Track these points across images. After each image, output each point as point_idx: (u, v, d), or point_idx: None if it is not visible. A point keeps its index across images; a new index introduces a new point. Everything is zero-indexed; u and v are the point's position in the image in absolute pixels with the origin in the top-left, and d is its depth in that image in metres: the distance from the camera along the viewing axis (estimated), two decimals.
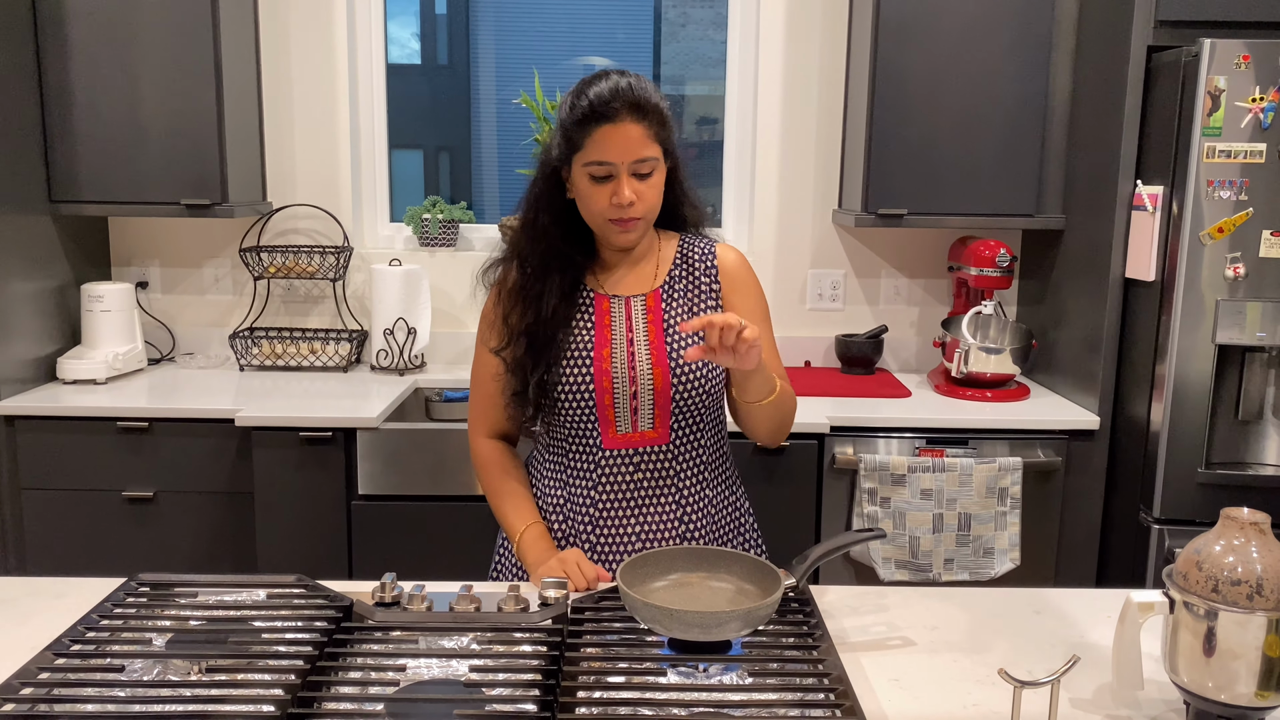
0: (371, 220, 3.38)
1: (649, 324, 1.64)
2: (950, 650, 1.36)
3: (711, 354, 1.43)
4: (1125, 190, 2.63)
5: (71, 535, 2.73)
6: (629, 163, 1.53)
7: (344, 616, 1.34)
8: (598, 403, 1.61)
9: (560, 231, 1.63)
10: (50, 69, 2.83)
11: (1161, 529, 2.55)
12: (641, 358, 1.62)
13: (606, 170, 1.54)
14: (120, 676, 1.18)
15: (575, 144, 1.55)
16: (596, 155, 1.53)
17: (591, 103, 1.52)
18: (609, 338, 1.63)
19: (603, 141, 1.52)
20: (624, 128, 1.52)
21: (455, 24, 4.69)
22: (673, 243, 1.72)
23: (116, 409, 2.69)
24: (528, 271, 1.65)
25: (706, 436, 1.68)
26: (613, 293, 1.67)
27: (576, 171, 1.57)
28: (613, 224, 1.58)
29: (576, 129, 1.54)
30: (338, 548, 2.66)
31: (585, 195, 1.57)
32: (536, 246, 1.64)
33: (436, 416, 3.01)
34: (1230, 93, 2.39)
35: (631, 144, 1.52)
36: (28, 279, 2.82)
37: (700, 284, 1.69)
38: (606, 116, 1.51)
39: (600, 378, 1.61)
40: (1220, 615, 1.09)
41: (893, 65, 2.84)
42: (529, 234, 1.65)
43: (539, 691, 1.14)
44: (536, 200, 1.64)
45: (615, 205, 1.55)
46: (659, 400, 1.62)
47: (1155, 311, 2.56)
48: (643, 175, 1.56)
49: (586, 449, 1.65)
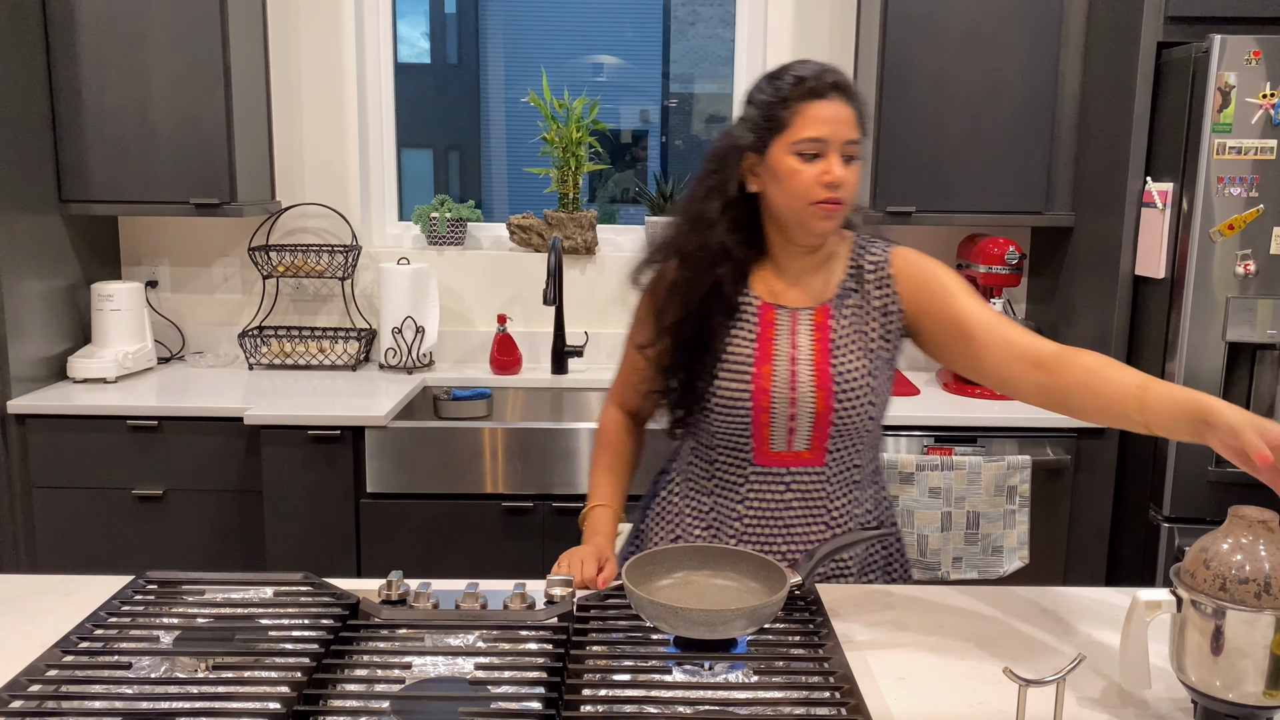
0: (380, 219, 3.39)
1: (815, 341, 1.55)
2: (956, 649, 1.36)
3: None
4: (1135, 187, 2.62)
5: (81, 533, 2.74)
6: (841, 142, 1.46)
7: (350, 614, 1.34)
8: (753, 420, 1.54)
9: (728, 222, 1.54)
10: (60, 69, 2.84)
11: (1171, 527, 2.54)
12: (804, 378, 1.53)
13: (818, 148, 1.46)
14: (127, 674, 1.19)
15: (781, 122, 1.47)
16: (809, 131, 1.45)
17: (802, 79, 1.46)
18: (771, 352, 1.55)
19: (815, 117, 1.45)
20: (837, 106, 1.46)
21: (465, 23, 4.69)
22: (845, 247, 1.61)
23: (126, 408, 2.70)
24: (687, 265, 1.55)
25: (863, 458, 1.60)
26: (780, 303, 1.57)
27: (777, 153, 1.48)
28: (817, 207, 1.47)
29: (784, 106, 1.46)
30: (346, 546, 2.67)
31: (788, 175, 1.47)
32: (697, 237, 1.55)
33: (445, 415, 3.02)
34: (1241, 89, 2.37)
35: (843, 123, 1.46)
36: (38, 278, 2.84)
37: (872, 297, 1.57)
38: (818, 92, 1.46)
39: (759, 395, 1.53)
40: (1228, 614, 1.08)
41: (901, 62, 2.83)
42: (692, 223, 1.55)
43: (544, 689, 1.14)
44: (709, 190, 1.54)
45: (825, 185, 1.46)
46: (818, 423, 1.54)
47: (1165, 309, 2.55)
48: (849, 159, 1.48)
49: (736, 463, 1.59)
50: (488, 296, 3.28)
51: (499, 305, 3.27)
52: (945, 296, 1.54)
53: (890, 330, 1.57)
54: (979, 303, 1.54)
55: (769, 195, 1.52)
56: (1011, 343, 1.46)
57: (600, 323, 3.29)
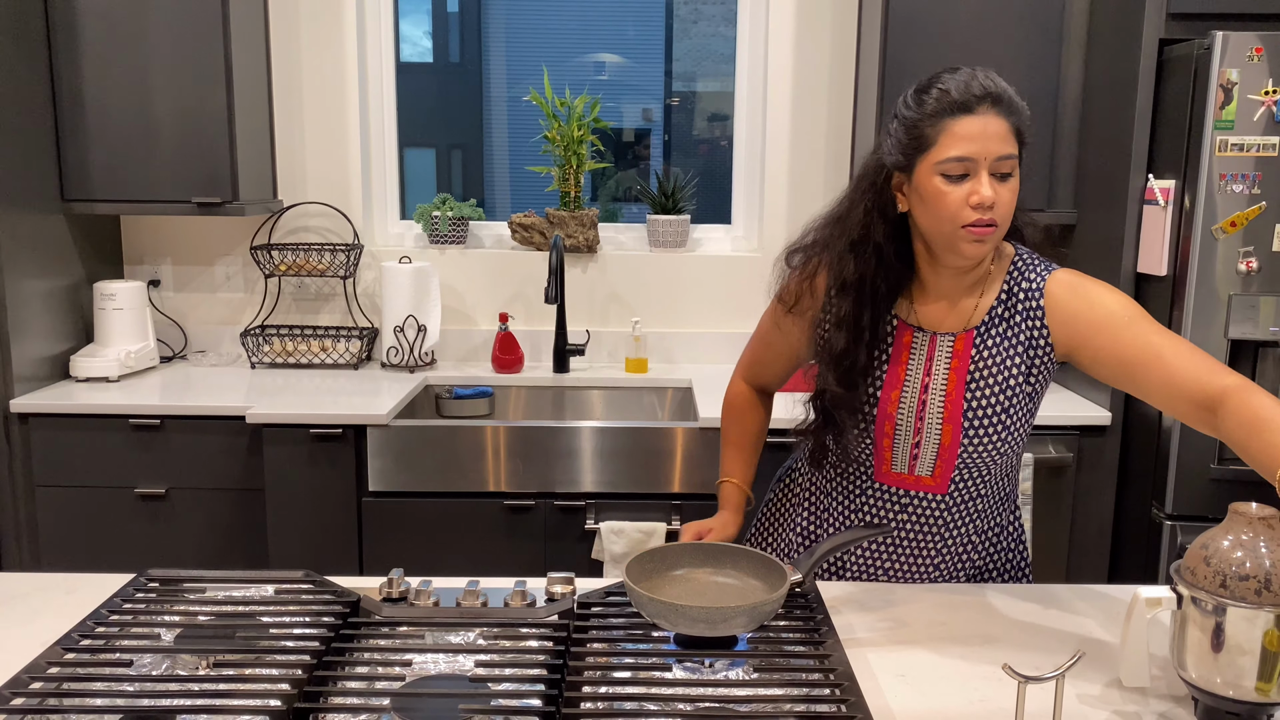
0: (382, 218, 3.39)
1: (951, 370, 1.47)
2: (956, 646, 1.36)
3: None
4: (1137, 184, 2.61)
5: (84, 531, 2.75)
6: (991, 159, 1.35)
7: (351, 612, 1.35)
8: (875, 442, 1.50)
9: (894, 250, 1.46)
10: (62, 69, 2.85)
11: (1174, 525, 2.54)
12: (934, 408, 1.47)
13: (965, 168, 1.35)
14: (129, 671, 1.19)
15: (925, 141, 1.37)
16: (955, 150, 1.35)
17: (948, 92, 1.36)
18: (902, 377, 1.49)
19: (962, 135, 1.35)
20: (986, 119, 1.35)
21: (467, 22, 4.69)
22: (1002, 268, 1.50)
23: (129, 406, 2.70)
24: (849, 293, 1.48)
25: (989, 489, 1.54)
26: (921, 325, 1.50)
27: (923, 174, 1.38)
28: (967, 230, 1.37)
29: (929, 122, 1.37)
30: (348, 544, 2.67)
31: (934, 198, 1.37)
32: (865, 268, 1.47)
33: (446, 413, 3.02)
34: (1243, 85, 2.37)
35: (993, 138, 1.35)
36: (41, 277, 2.84)
37: (1019, 328, 1.47)
38: (966, 107, 1.35)
39: (883, 421, 1.48)
40: (1228, 611, 1.08)
41: (903, 61, 2.83)
42: (857, 253, 1.47)
43: (545, 686, 1.15)
44: (867, 214, 1.46)
45: (975, 206, 1.35)
46: (943, 455, 1.48)
47: (1167, 306, 2.54)
48: (1003, 175, 1.37)
49: (856, 474, 1.57)
50: (489, 295, 3.29)
51: (501, 304, 3.28)
52: (1103, 330, 1.42)
53: (1036, 364, 1.47)
54: (1144, 332, 1.39)
55: (916, 216, 1.44)
56: (1173, 382, 1.34)
57: (602, 321, 3.29)
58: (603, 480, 2.64)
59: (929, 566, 1.59)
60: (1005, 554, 1.64)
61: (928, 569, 1.59)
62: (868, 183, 1.47)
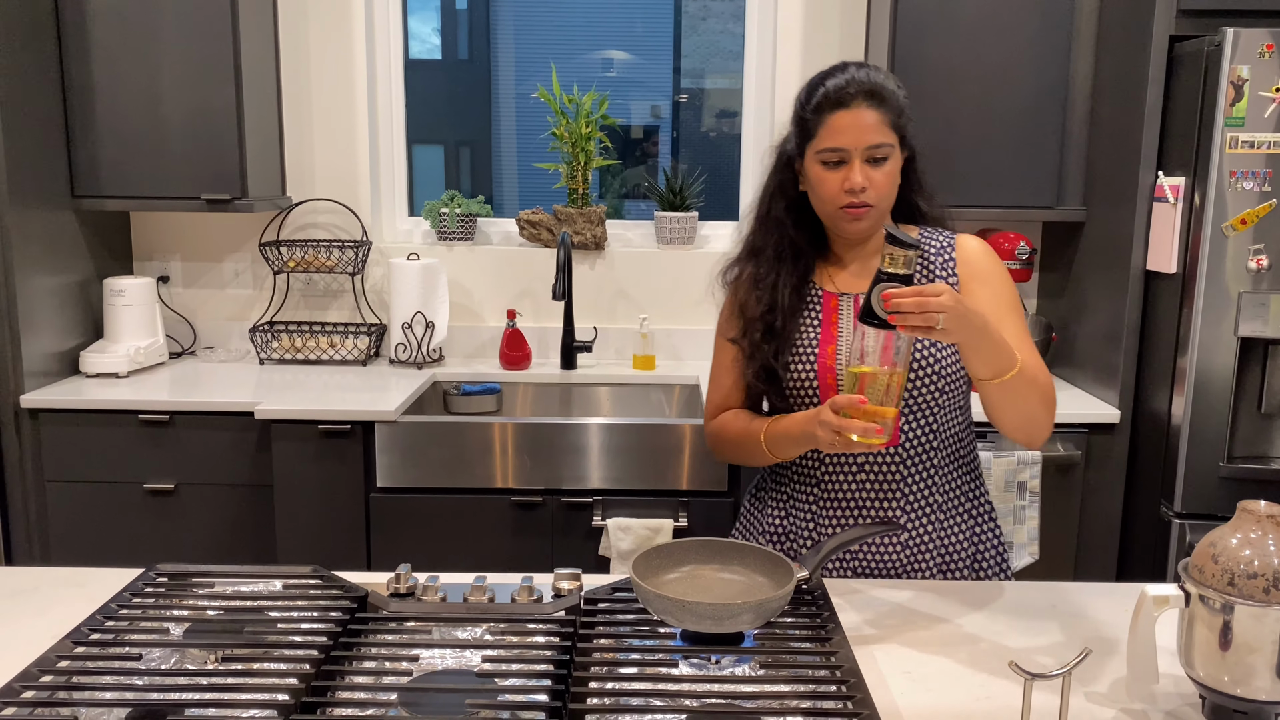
0: (390, 214, 3.40)
1: None
2: (963, 643, 1.36)
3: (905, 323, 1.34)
4: (1146, 182, 2.60)
5: (93, 527, 2.76)
6: (862, 148, 1.52)
7: (359, 607, 1.35)
8: (821, 398, 1.58)
9: (792, 220, 1.64)
10: (72, 66, 2.86)
11: (1183, 523, 2.53)
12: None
13: (839, 156, 1.53)
14: (138, 665, 1.19)
15: (809, 132, 1.55)
16: (829, 141, 1.53)
17: (827, 91, 1.53)
18: (835, 335, 1.61)
19: (836, 127, 1.52)
20: (858, 113, 1.52)
21: (476, 19, 4.69)
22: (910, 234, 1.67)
23: (138, 402, 2.71)
24: (761, 262, 1.66)
25: (941, 439, 1.61)
26: (842, 290, 1.64)
27: (809, 161, 1.57)
28: (844, 211, 1.55)
29: (812, 117, 1.55)
30: (356, 539, 2.68)
31: (816, 183, 1.56)
32: (770, 238, 1.65)
33: (454, 410, 3.03)
34: (1254, 82, 2.36)
35: (865, 130, 1.51)
36: (51, 273, 2.85)
37: (937, 279, 1.62)
38: (841, 103, 1.52)
39: (824, 373, 1.58)
40: (1236, 609, 1.08)
41: (911, 57, 2.82)
42: (763, 226, 1.67)
43: (551, 682, 1.15)
44: (770, 194, 1.66)
45: (847, 191, 1.53)
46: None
47: (1177, 304, 2.54)
48: (876, 161, 1.53)
49: (813, 451, 1.61)
50: (497, 292, 3.29)
51: (509, 300, 3.28)
52: (987, 283, 1.60)
53: None
54: (1014, 319, 1.58)
55: (809, 197, 1.61)
56: None
57: (609, 318, 3.29)
58: (610, 477, 2.64)
59: (897, 543, 1.61)
60: (979, 546, 1.66)
61: (896, 546, 1.61)
62: (774, 167, 1.66)
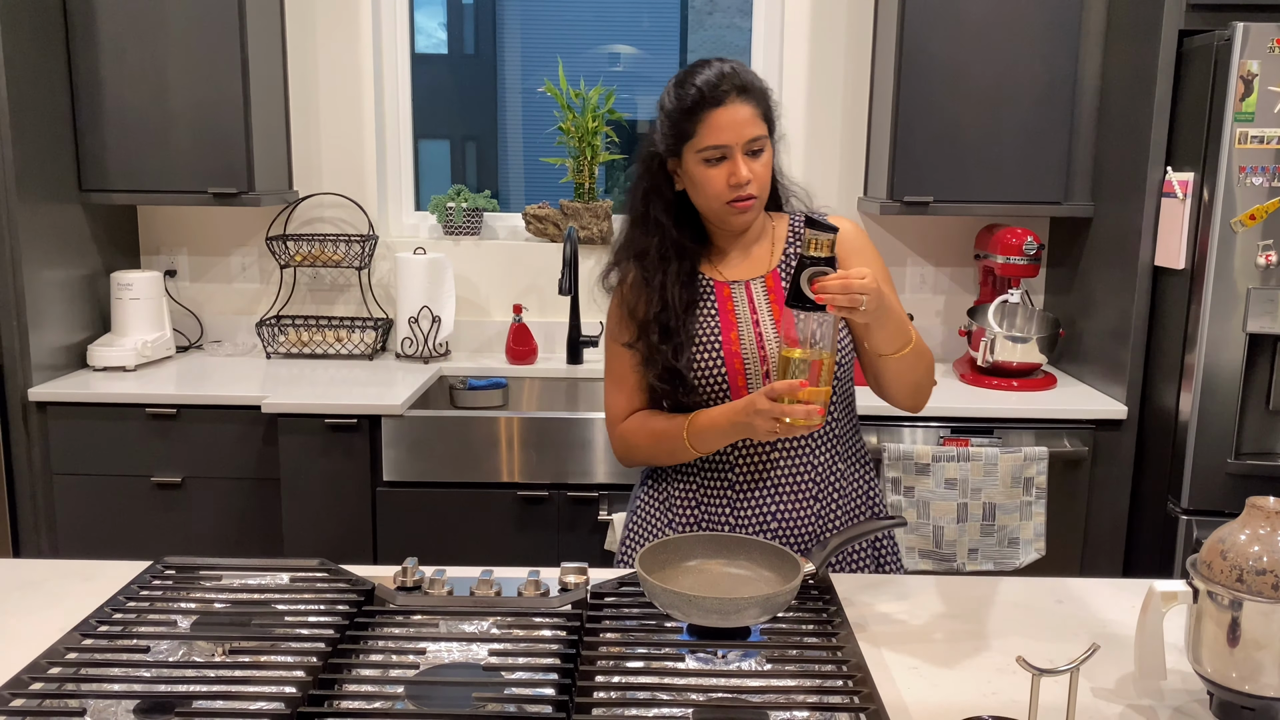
0: (396, 209, 3.40)
1: (772, 303, 1.66)
2: (970, 638, 1.35)
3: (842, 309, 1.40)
4: (1155, 177, 2.60)
5: (101, 520, 2.77)
6: (742, 143, 1.56)
7: (365, 600, 1.35)
8: (731, 384, 1.62)
9: (672, 220, 1.66)
10: (80, 60, 2.86)
11: (1190, 519, 2.52)
12: (769, 336, 1.64)
13: (721, 153, 1.56)
14: (145, 657, 1.20)
15: (686, 132, 1.58)
16: (711, 140, 1.56)
17: (700, 89, 1.56)
18: (734, 321, 1.65)
19: (715, 125, 1.55)
20: (734, 109, 1.55)
21: (482, 13, 4.69)
22: (783, 222, 1.73)
23: (145, 395, 2.72)
24: (646, 264, 1.66)
25: (839, 410, 1.69)
26: (732, 279, 1.68)
27: (689, 159, 1.59)
28: (731, 205, 1.59)
29: (687, 117, 1.57)
30: (362, 533, 2.69)
31: (701, 180, 1.59)
32: (651, 239, 1.66)
33: (460, 404, 3.03)
34: (1263, 77, 2.35)
35: (742, 124, 1.56)
36: (58, 267, 2.86)
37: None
38: (716, 100, 1.55)
39: (731, 359, 1.62)
40: (1245, 605, 1.08)
41: (919, 50, 2.81)
42: (642, 229, 1.68)
43: (558, 676, 1.15)
44: (645, 195, 1.67)
45: (733, 186, 1.57)
46: None
47: (1185, 300, 2.53)
48: (755, 153, 1.58)
49: None
50: (504, 286, 3.29)
51: (515, 295, 3.28)
52: (860, 256, 1.68)
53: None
54: (894, 294, 1.65)
55: (690, 194, 1.64)
56: None
57: None
58: (616, 471, 2.64)
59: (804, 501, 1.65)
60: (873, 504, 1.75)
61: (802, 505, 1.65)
62: (644, 168, 1.67)
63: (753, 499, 1.65)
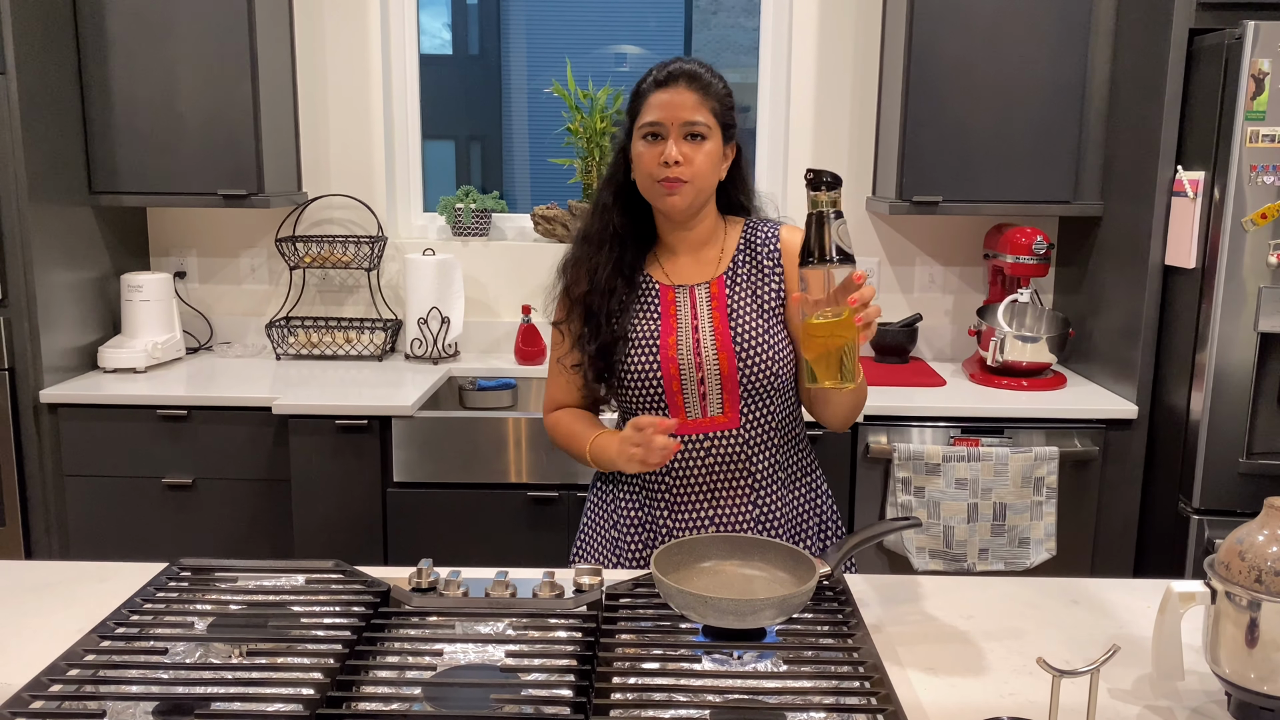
0: (405, 210, 3.40)
1: (714, 310, 1.66)
2: (986, 639, 1.35)
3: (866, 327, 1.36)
4: (1165, 176, 2.59)
5: (112, 521, 2.78)
6: (678, 124, 1.59)
7: (381, 602, 1.35)
8: (666, 389, 1.64)
9: (619, 207, 1.69)
10: (90, 63, 2.87)
11: (1201, 519, 2.52)
12: (707, 344, 1.64)
13: (657, 129, 1.60)
14: (163, 659, 1.20)
15: (634, 111, 1.64)
16: (648, 116, 1.60)
17: (654, 74, 1.63)
18: (674, 325, 1.66)
19: (655, 104, 1.60)
20: (677, 91, 1.60)
21: (487, 14, 4.69)
22: (737, 228, 1.73)
23: (156, 397, 2.72)
24: (588, 245, 1.71)
25: (778, 420, 1.68)
26: (677, 282, 1.69)
27: (635, 140, 1.63)
28: (659, 185, 1.60)
29: (637, 99, 1.64)
30: (373, 534, 2.69)
31: (637, 157, 1.63)
32: (596, 224, 1.71)
33: (470, 405, 3.03)
34: (1275, 75, 2.34)
35: (681, 106, 1.59)
36: (69, 269, 2.87)
37: (764, 268, 1.69)
38: (662, 83, 1.61)
39: (667, 364, 1.63)
40: (1263, 606, 1.08)
41: (928, 50, 2.81)
42: (595, 214, 1.72)
43: (574, 677, 1.15)
44: (605, 182, 1.72)
45: (661, 164, 1.59)
46: (726, 385, 1.63)
47: (1195, 299, 2.52)
48: (693, 138, 1.59)
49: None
50: (512, 287, 3.29)
51: (523, 296, 3.28)
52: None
53: (779, 295, 1.68)
54: None
55: (634, 173, 1.66)
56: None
57: None
58: None
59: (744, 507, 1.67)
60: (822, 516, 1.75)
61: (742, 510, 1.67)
62: (613, 158, 1.71)
63: (691, 504, 1.67)
